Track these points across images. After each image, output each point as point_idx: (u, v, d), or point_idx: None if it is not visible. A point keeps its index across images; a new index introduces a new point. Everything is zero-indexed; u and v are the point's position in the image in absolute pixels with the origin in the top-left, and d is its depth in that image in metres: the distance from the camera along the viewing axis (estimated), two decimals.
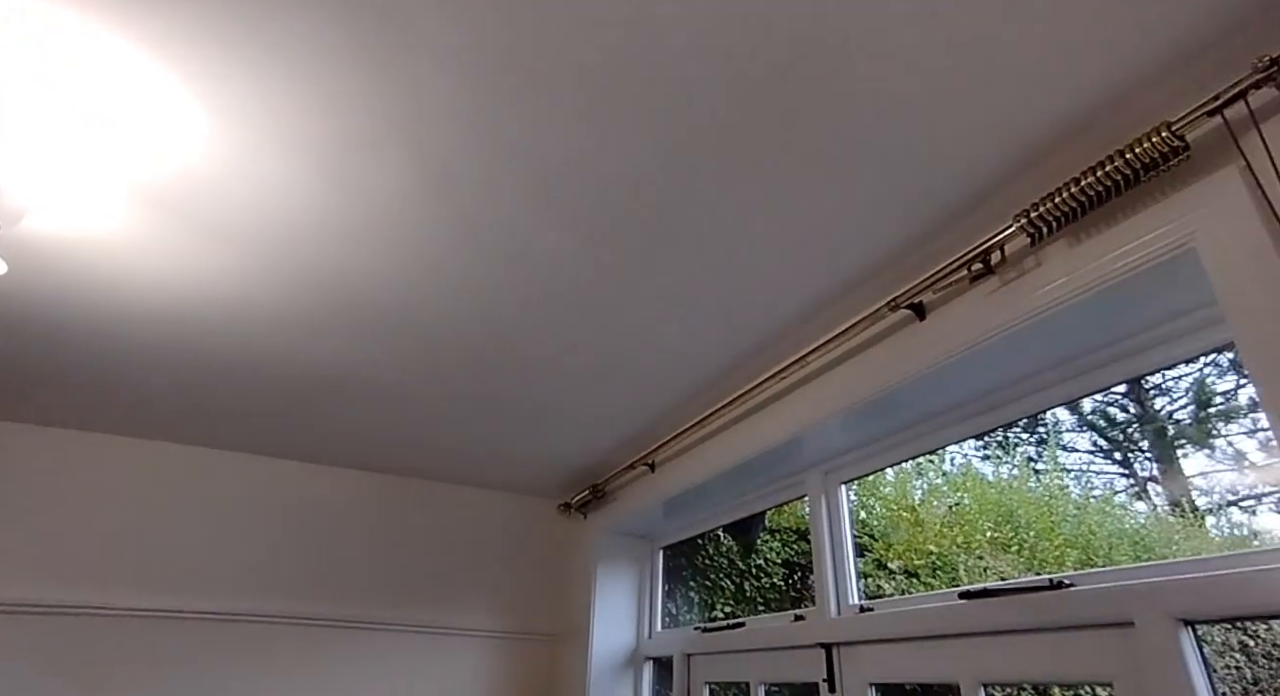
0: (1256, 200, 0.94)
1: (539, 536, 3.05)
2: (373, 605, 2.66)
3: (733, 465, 2.00)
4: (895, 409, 1.62)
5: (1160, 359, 1.29)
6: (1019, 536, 3.29)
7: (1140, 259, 1.08)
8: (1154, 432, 6.88)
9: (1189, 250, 1.03)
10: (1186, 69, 0.99)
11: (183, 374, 2.05)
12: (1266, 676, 2.79)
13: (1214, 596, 1.06)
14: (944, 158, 1.18)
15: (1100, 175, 1.06)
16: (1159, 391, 7.30)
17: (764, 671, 2.00)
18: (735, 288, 1.55)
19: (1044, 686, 2.66)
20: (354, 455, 2.70)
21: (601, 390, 2.07)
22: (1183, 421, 6.75)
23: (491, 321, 1.74)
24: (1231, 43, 0.94)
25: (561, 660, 2.79)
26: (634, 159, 1.20)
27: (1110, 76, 1.02)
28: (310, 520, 2.69)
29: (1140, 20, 0.93)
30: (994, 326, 1.29)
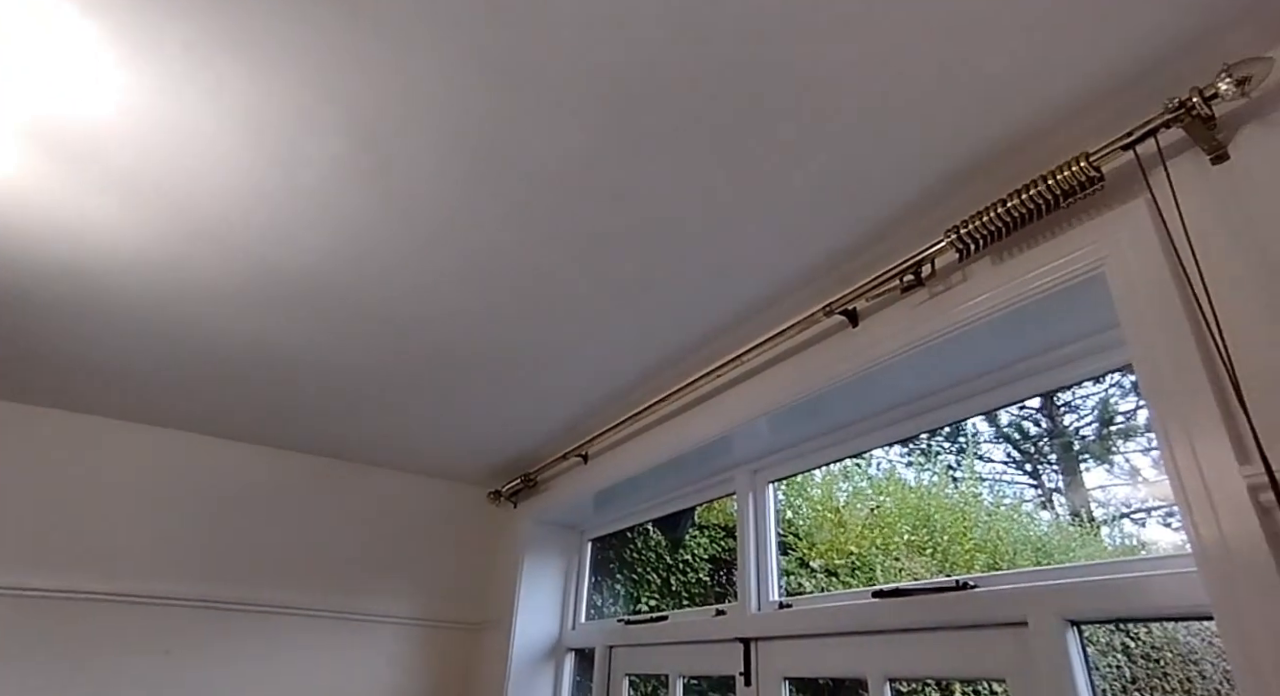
0: (1159, 232, 1.01)
1: (467, 524, 3.00)
2: (289, 589, 2.56)
3: (665, 460, 2.02)
4: (824, 411, 1.67)
5: (1070, 376, 1.37)
6: (934, 540, 3.44)
7: (1055, 280, 1.14)
8: (1061, 447, 7.32)
9: (1099, 275, 1.09)
10: (1107, 104, 1.05)
11: (84, 333, 1.91)
12: (1144, 675, 3.02)
13: (1099, 599, 1.14)
14: (881, 173, 1.22)
15: (1024, 198, 1.11)
16: (1069, 408, 7.77)
17: (684, 664, 2.03)
18: (676, 285, 1.56)
19: (946, 682, 2.79)
20: (276, 434, 2.59)
21: (537, 379, 2.05)
22: (1087, 438, 7.21)
23: (426, 304, 1.69)
24: (1148, 82, 1.00)
25: (482, 649, 2.76)
26: (580, 151, 1.19)
27: (1038, 106, 1.07)
28: (224, 499, 2.57)
29: (1067, 56, 0.98)
30: (921, 336, 1.34)
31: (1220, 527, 0.86)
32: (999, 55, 0.98)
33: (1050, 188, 1.08)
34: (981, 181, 1.22)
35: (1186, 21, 0.92)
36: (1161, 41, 0.95)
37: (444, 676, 2.73)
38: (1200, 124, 0.94)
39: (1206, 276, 0.94)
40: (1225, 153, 0.96)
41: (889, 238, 1.37)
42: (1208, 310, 0.92)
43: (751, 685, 1.74)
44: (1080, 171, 1.05)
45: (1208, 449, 0.89)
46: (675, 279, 1.54)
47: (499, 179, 1.27)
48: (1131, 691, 3.00)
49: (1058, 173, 1.07)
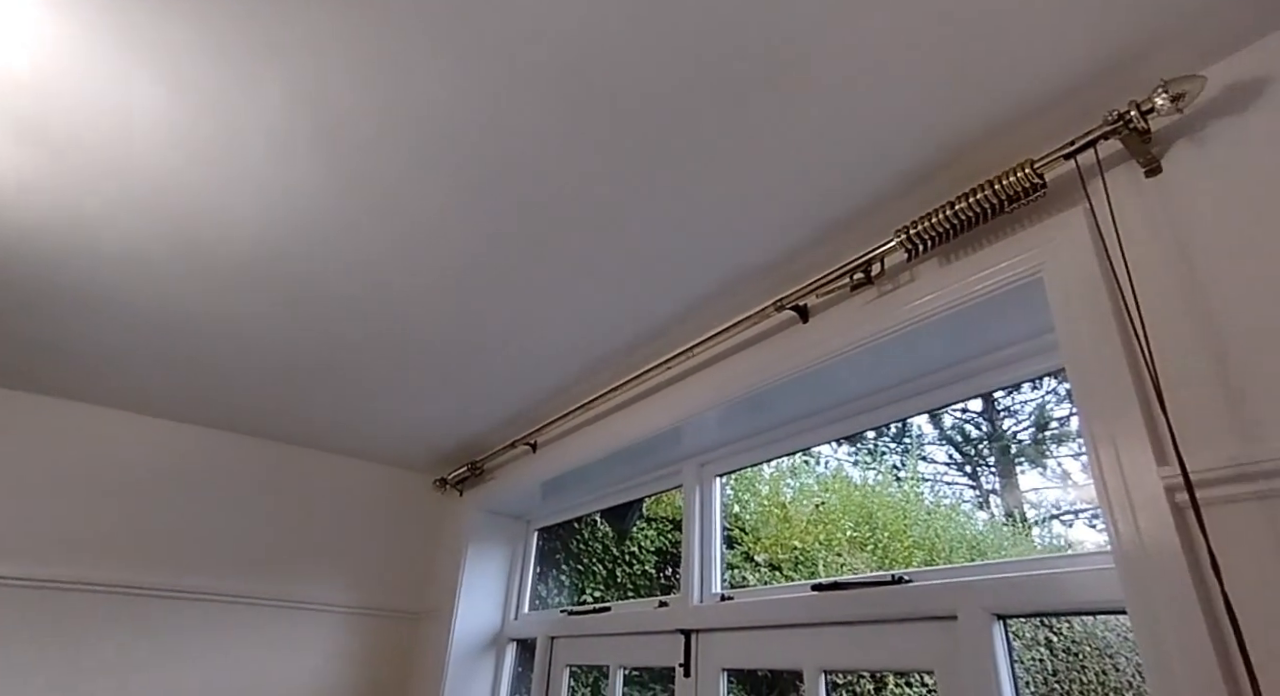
0: (1095, 241, 1.04)
1: (411, 511, 2.94)
2: (224, 576, 2.47)
3: (614, 450, 2.01)
4: (773, 406, 1.68)
5: (1010, 377, 1.40)
6: (875, 536, 3.53)
7: (998, 283, 1.17)
8: (1000, 450, 7.60)
9: (1038, 280, 1.12)
10: (1052, 113, 1.08)
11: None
12: (1064, 668, 3.17)
13: (1024, 594, 1.18)
14: (836, 173, 1.22)
15: (971, 202, 1.14)
16: (1008, 413, 8.06)
17: (625, 655, 2.03)
18: (627, 275, 1.55)
19: (879, 674, 2.87)
20: (211, 413, 2.48)
21: (486, 366, 2.01)
22: (1024, 442, 7.50)
23: (372, 284, 1.64)
24: (1090, 94, 1.03)
25: (423, 639, 2.71)
26: (536, 134, 1.17)
27: (985, 113, 1.08)
28: (156, 482, 2.45)
29: (1013, 65, 0.99)
30: (869, 333, 1.36)
31: (1137, 526, 0.89)
32: (947, 63, 1.00)
33: (995, 192, 1.11)
34: (931, 184, 1.24)
35: (1126, 37, 0.94)
36: (1103, 55, 0.97)
37: (383, 665, 2.68)
38: (1136, 137, 0.97)
39: (1136, 285, 0.97)
40: (1159, 166, 0.99)
41: (840, 236, 1.38)
42: (1136, 318, 0.95)
43: (690, 676, 1.75)
44: (1024, 178, 1.07)
45: (1130, 450, 0.92)
46: (626, 269, 1.53)
47: (449, 157, 1.24)
48: (1052, 683, 3.14)
49: (1003, 178, 1.09)
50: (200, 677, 2.33)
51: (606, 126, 1.15)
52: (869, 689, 2.87)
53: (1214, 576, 0.78)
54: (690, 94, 1.08)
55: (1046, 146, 1.11)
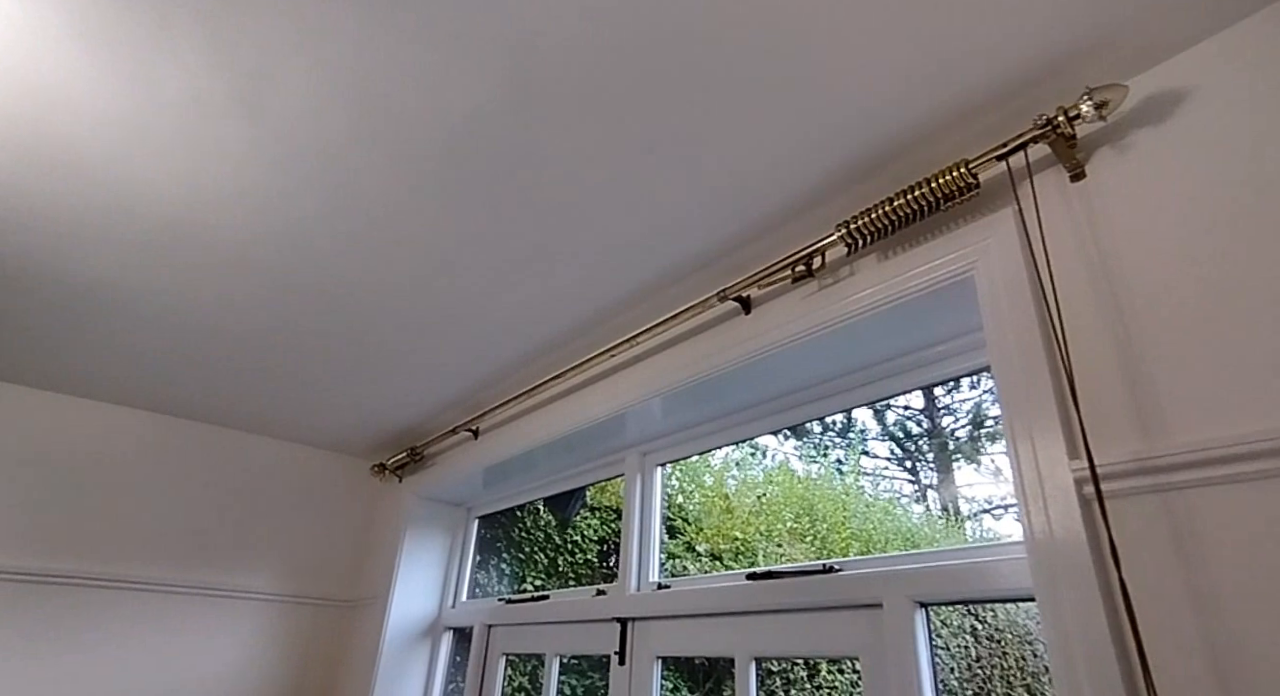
0: (1022, 242, 1.07)
1: (347, 497, 2.86)
2: (148, 564, 2.36)
3: (557, 438, 1.99)
4: (716, 396, 1.69)
5: (945, 372, 1.44)
6: (814, 528, 3.61)
7: (932, 280, 1.20)
8: (938, 446, 7.87)
9: (969, 278, 1.15)
10: (988, 115, 1.10)
11: None
12: (987, 654, 3.32)
13: (946, 583, 1.21)
14: (779, 165, 1.23)
15: (909, 199, 1.16)
16: (947, 411, 8.35)
17: (561, 644, 2.02)
18: (569, 260, 1.53)
19: (814, 661, 2.95)
20: (138, 395, 2.36)
21: (426, 347, 1.97)
22: (961, 439, 7.78)
23: (307, 259, 1.58)
24: (1024, 98, 1.06)
25: (356, 627, 2.65)
26: (479, 114, 1.14)
27: (924, 112, 1.10)
28: (77, 465, 2.32)
29: (950, 65, 1.01)
30: (810, 326, 1.38)
31: (1048, 516, 0.93)
32: (888, 62, 1.01)
33: (932, 190, 1.13)
34: (873, 180, 1.26)
35: (1059, 44, 0.97)
36: (1036, 61, 1.00)
37: (314, 655, 2.61)
38: (1063, 142, 1.00)
39: (1057, 286, 1.01)
40: (1083, 171, 1.03)
41: (782, 229, 1.39)
42: (1055, 318, 0.99)
43: (625, 664, 1.76)
44: (959, 178, 1.10)
45: (1045, 445, 0.96)
46: (569, 254, 1.51)
47: (389, 133, 1.19)
48: (976, 668, 3.29)
49: (939, 177, 1.12)
50: (119, 669, 2.23)
51: (551, 112, 1.13)
52: (803, 675, 2.94)
53: (1114, 564, 0.82)
54: (635, 83, 1.07)
55: (983, 147, 1.14)
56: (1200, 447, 0.80)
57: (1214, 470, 0.79)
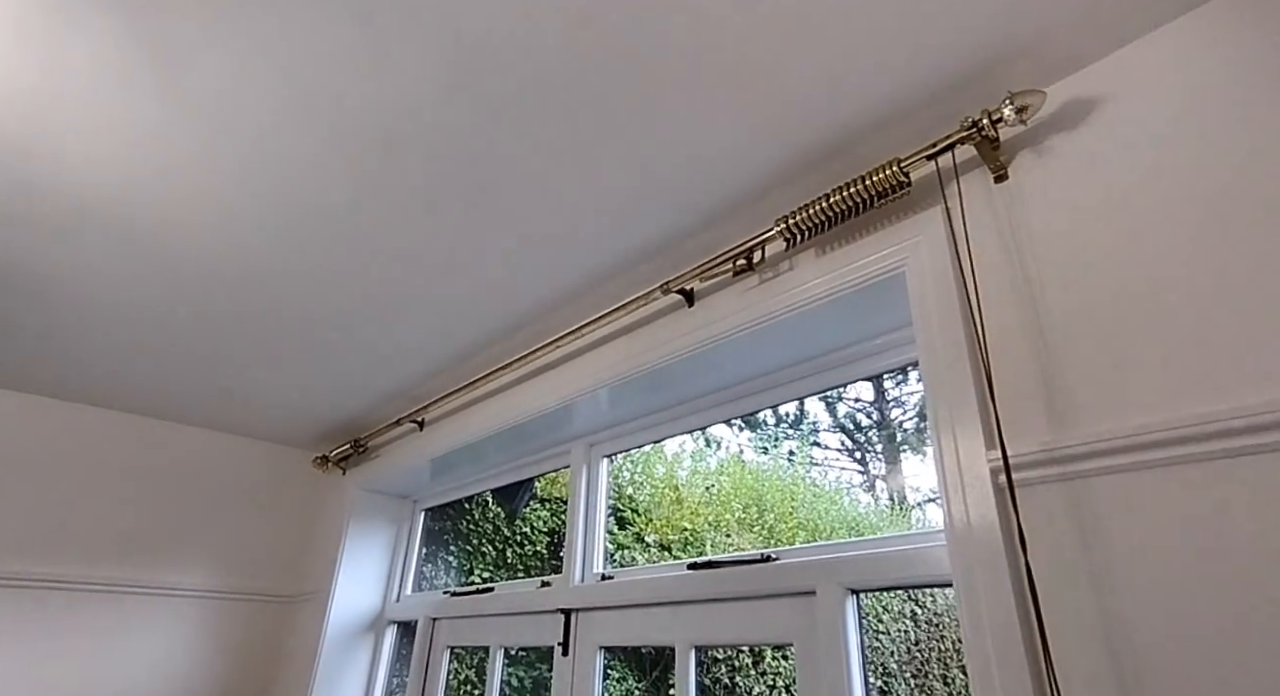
0: (948, 240, 1.11)
1: (288, 490, 2.79)
2: (74, 562, 2.26)
3: (504, 428, 1.98)
4: (661, 387, 1.70)
5: (883, 365, 1.47)
6: (762, 518, 3.68)
7: (866, 275, 1.23)
8: (887, 438, 8.09)
9: (901, 274, 1.19)
10: (920, 116, 1.13)
11: None
12: (926, 638, 3.45)
13: (876, 570, 1.25)
14: (719, 162, 1.24)
15: (844, 195, 1.18)
16: (896, 403, 8.58)
17: (505, 636, 2.02)
18: (518, 251, 1.52)
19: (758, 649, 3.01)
20: (63, 384, 2.24)
21: (364, 338, 1.93)
22: (908, 431, 8.01)
23: (241, 244, 1.53)
24: (953, 101, 1.10)
25: (297, 623, 2.59)
26: (419, 103, 1.11)
27: (858, 111, 1.13)
28: None
29: (882, 67, 1.04)
30: (751, 318, 1.40)
31: (966, 505, 0.96)
32: (819, 62, 1.03)
33: (866, 188, 1.16)
34: (812, 176, 1.28)
35: (984, 48, 1.00)
36: (963, 64, 1.03)
37: (252, 652, 2.54)
38: (987, 144, 1.04)
39: (979, 283, 1.04)
40: (1006, 173, 1.07)
41: (723, 223, 1.40)
42: (977, 314, 1.03)
43: (569, 654, 1.76)
44: (891, 176, 1.13)
45: (966, 437, 1.00)
46: (511, 244, 1.49)
47: (320, 117, 1.16)
48: (915, 651, 3.41)
49: (873, 174, 1.14)
50: (45, 672, 2.13)
51: (490, 104, 1.11)
52: (748, 662, 3.00)
53: (1021, 549, 0.86)
54: (576, 78, 1.06)
55: (914, 148, 1.17)
56: (1102, 438, 0.84)
57: (1114, 459, 0.83)
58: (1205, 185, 0.86)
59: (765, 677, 3.00)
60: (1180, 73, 0.93)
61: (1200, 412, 0.78)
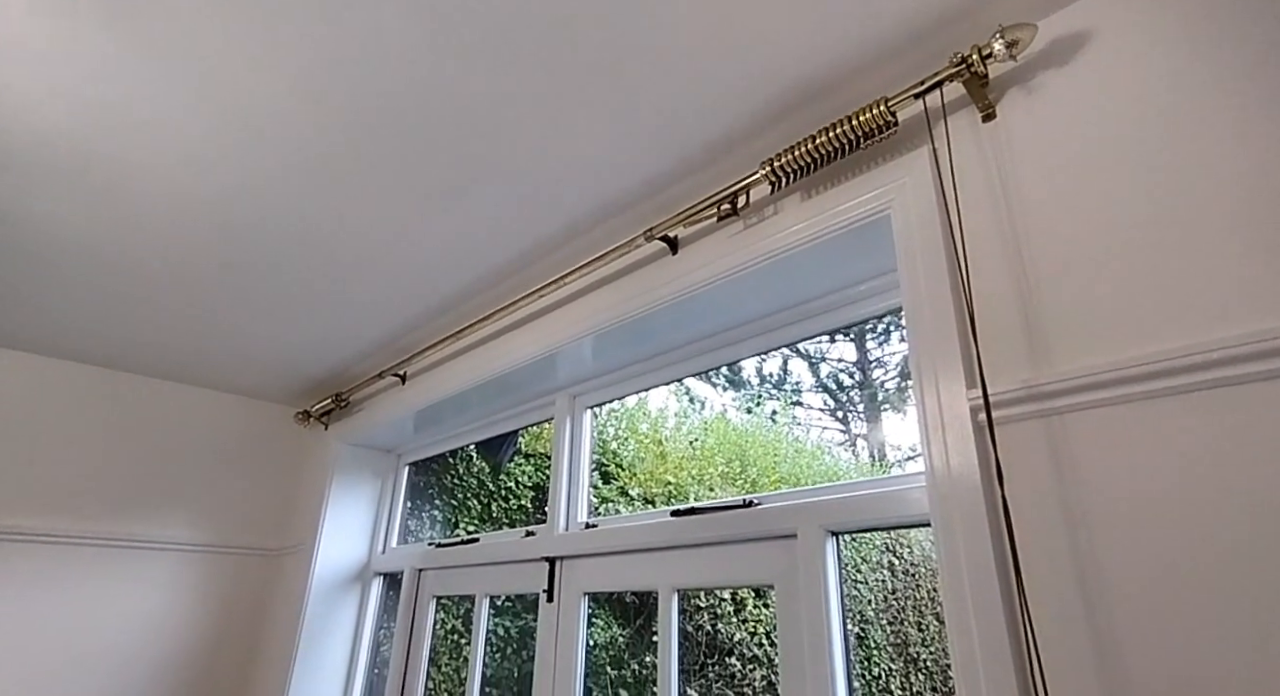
0: (935, 181, 1.09)
1: (270, 445, 2.77)
2: (60, 516, 2.25)
3: (487, 380, 1.97)
4: (644, 337, 1.69)
5: (868, 311, 1.45)
6: (745, 472, 3.73)
7: (851, 218, 1.22)
8: (869, 397, 8.20)
9: (886, 216, 1.17)
10: (908, 54, 1.10)
11: None
12: (903, 587, 3.56)
13: (855, 512, 1.27)
14: (703, 104, 1.21)
15: (831, 136, 1.16)
16: (878, 363, 8.67)
17: (491, 584, 2.05)
18: (493, 198, 1.48)
19: (739, 596, 3.09)
20: (38, 337, 2.19)
21: (343, 290, 1.89)
22: (890, 390, 8.12)
23: (213, 190, 1.48)
24: (942, 36, 1.07)
25: (282, 576, 2.61)
26: (391, 43, 1.06)
27: (849, 50, 1.10)
28: None
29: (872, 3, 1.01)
30: (736, 264, 1.38)
31: (946, 444, 0.97)
32: None
33: (853, 128, 1.13)
34: (797, 118, 1.25)
35: None
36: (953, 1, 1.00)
37: (238, 604, 2.56)
38: (976, 81, 1.02)
39: (964, 223, 1.04)
40: (994, 111, 1.05)
41: (707, 168, 1.38)
42: (961, 254, 1.02)
43: (554, 601, 1.79)
44: (878, 115, 1.10)
45: (947, 377, 1.00)
46: (493, 191, 1.46)
47: (298, 64, 1.11)
48: (892, 600, 3.52)
49: (860, 114, 1.12)
50: (35, 625, 2.14)
51: (468, 47, 1.07)
52: (729, 610, 3.08)
53: (999, 485, 0.87)
54: (556, 21, 1.02)
55: (898, 86, 1.15)
56: (1081, 374, 0.85)
57: (1092, 395, 0.84)
58: (1193, 123, 0.85)
59: (747, 625, 3.08)
60: (1169, 6, 0.91)
61: (1178, 346, 0.79)
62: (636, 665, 2.91)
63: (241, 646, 2.54)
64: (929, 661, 3.60)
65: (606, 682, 2.89)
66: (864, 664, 3.31)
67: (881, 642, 3.43)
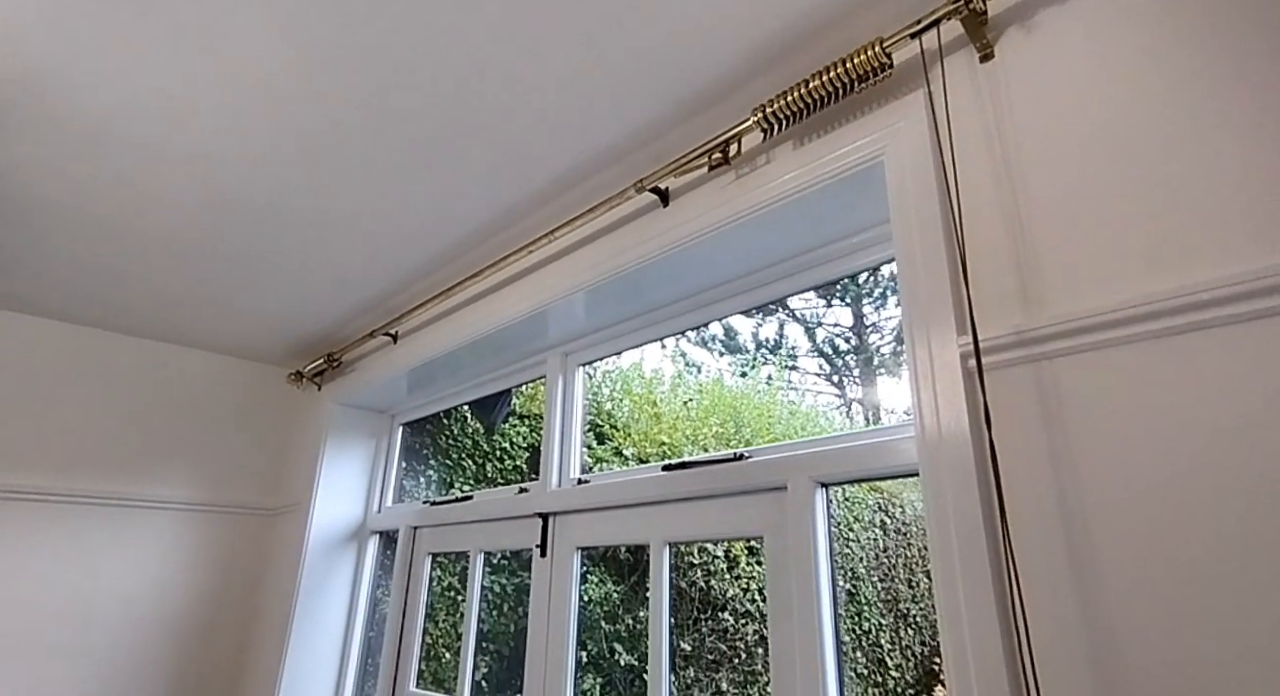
0: (930, 125, 1.07)
1: (264, 406, 2.77)
2: (57, 475, 2.26)
3: (479, 337, 1.95)
4: (635, 292, 1.67)
5: (861, 263, 1.43)
6: (739, 433, 3.75)
7: (845, 165, 1.19)
8: (864, 362, 8.23)
9: (879, 163, 1.15)
10: None
11: None
12: (894, 545, 3.62)
13: (845, 463, 1.28)
14: (692, 47, 1.17)
15: (824, 80, 1.13)
16: (874, 329, 8.69)
17: (485, 540, 2.07)
18: (480, 151, 1.45)
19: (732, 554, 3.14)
20: (35, 298, 2.17)
21: (335, 248, 1.86)
22: (885, 355, 8.14)
23: (195, 146, 1.44)
24: None
25: (279, 535, 2.63)
26: None
27: None
28: None
29: None
30: (728, 215, 1.35)
31: (935, 392, 0.97)
32: None
33: (847, 71, 1.10)
34: (789, 63, 1.21)
35: None
36: None
37: (236, 562, 2.59)
38: (975, 19, 0.98)
39: (959, 167, 1.01)
40: (992, 52, 1.02)
41: (698, 116, 1.34)
42: (955, 199, 1.00)
43: (547, 555, 1.81)
44: (873, 57, 1.07)
45: (938, 324, 0.99)
46: (479, 144, 1.42)
47: (281, 7, 1.07)
48: (883, 557, 3.58)
49: (854, 57, 1.09)
50: (31, 582, 2.16)
51: None
52: (723, 567, 3.13)
53: (987, 430, 0.87)
54: None
55: (894, 27, 1.11)
56: (1067, 319, 0.84)
57: (1081, 338, 0.83)
58: (1196, 64, 0.83)
59: (739, 581, 3.14)
60: None
61: (1168, 288, 0.78)
62: (631, 620, 2.97)
63: (241, 603, 2.58)
64: (918, 617, 3.69)
65: (601, 637, 2.95)
66: (854, 619, 3.39)
67: (872, 599, 3.50)
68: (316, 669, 2.35)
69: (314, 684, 2.34)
